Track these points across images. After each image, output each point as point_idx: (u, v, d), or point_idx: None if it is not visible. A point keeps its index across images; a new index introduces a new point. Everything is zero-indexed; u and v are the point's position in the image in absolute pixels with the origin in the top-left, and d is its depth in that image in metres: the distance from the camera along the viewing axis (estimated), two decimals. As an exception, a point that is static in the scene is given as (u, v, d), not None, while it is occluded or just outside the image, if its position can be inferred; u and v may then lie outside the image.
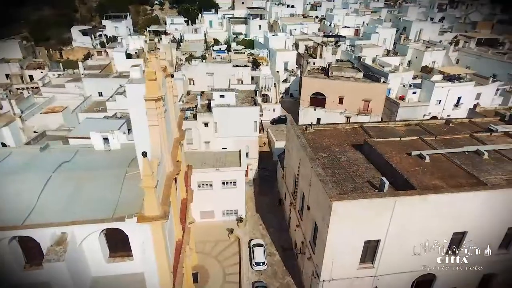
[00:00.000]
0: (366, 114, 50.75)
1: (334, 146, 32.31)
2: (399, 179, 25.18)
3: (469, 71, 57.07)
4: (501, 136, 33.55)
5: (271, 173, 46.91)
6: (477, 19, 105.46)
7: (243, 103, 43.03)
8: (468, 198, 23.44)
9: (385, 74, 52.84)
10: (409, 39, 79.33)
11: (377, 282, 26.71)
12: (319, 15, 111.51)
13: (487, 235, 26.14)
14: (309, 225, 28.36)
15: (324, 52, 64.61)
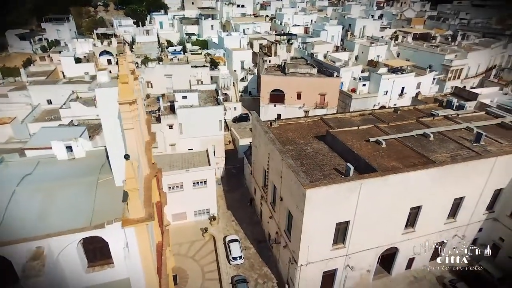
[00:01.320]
0: (323, 107, 53.64)
1: (299, 138, 33.99)
2: (361, 163, 27.45)
3: (409, 63, 62.76)
4: (441, 119, 37.74)
5: (238, 170, 47.81)
6: (411, 16, 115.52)
7: (206, 103, 43.33)
8: (421, 175, 26.35)
9: (337, 69, 56.20)
10: (354, 35, 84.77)
11: (349, 261, 28.93)
12: (269, 14, 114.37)
13: (438, 207, 29.62)
14: (283, 215, 29.74)
15: (278, 50, 66.75)
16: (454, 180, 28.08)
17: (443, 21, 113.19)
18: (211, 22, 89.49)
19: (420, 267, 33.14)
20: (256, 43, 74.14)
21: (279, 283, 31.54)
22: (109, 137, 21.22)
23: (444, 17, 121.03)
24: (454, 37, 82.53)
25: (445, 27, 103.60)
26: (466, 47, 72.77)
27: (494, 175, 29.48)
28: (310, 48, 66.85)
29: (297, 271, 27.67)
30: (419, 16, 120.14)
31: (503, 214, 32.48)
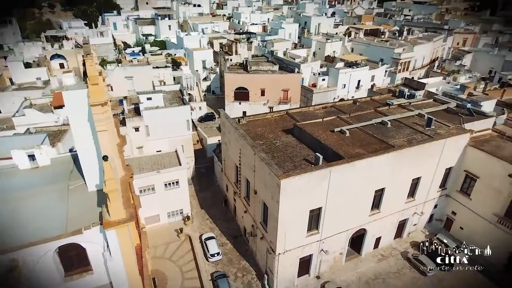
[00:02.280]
0: (286, 103, 55.33)
1: (267, 133, 35.01)
2: (329, 153, 29.08)
3: (363, 58, 66.66)
4: (396, 108, 40.84)
5: (208, 169, 47.96)
6: (361, 13, 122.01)
7: (172, 104, 42.96)
8: (383, 159, 28.55)
9: (297, 65, 58.20)
10: (310, 32, 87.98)
11: (323, 245, 30.54)
12: (226, 14, 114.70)
13: (399, 188, 32.24)
14: (258, 208, 30.61)
15: (239, 49, 67.40)
16: (411, 162, 30.78)
17: (390, 18, 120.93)
18: (168, 22, 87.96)
19: (386, 245, 35.78)
20: (216, 42, 74.28)
21: (258, 275, 32.41)
22: (79, 141, 20.77)
23: (390, 14, 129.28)
24: (401, 32, 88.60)
25: (392, 23, 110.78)
26: (412, 41, 78.65)
27: (444, 155, 32.71)
28: (270, 46, 68.44)
29: (275, 260, 28.71)
30: (368, 13, 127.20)
31: (453, 190, 36.06)
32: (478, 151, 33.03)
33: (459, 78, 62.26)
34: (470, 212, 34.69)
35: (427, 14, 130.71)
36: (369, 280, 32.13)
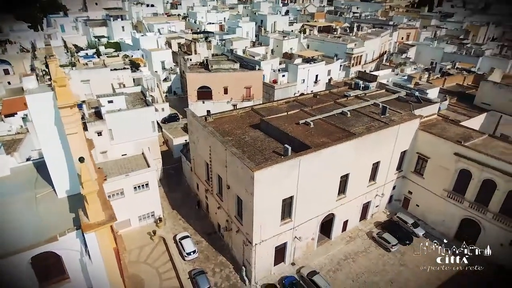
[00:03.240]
0: (249, 100, 56.36)
1: (235, 129, 35.69)
2: (296, 144, 30.44)
3: (319, 53, 69.63)
4: (353, 99, 43.54)
5: (176, 170, 47.61)
6: (313, 11, 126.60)
7: (135, 105, 42.09)
8: (346, 146, 30.57)
9: (257, 62, 59.46)
10: (267, 30, 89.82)
11: (296, 232, 31.99)
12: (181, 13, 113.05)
13: (361, 173, 34.62)
14: (232, 202, 31.28)
15: (198, 48, 67.27)
16: (371, 147, 33.25)
17: (340, 15, 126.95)
18: (121, 23, 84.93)
19: (353, 227, 38.21)
20: (174, 42, 73.32)
21: (236, 268, 33.10)
22: (46, 147, 20.10)
23: (340, 11, 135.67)
24: (351, 29, 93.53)
25: (342, 20, 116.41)
26: (362, 37, 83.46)
27: (399, 139, 35.72)
28: (229, 45, 69.03)
29: (253, 251, 29.61)
30: (319, 11, 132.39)
31: (408, 171, 39.41)
32: (428, 134, 36.47)
33: (406, 70, 67.33)
34: (424, 190, 38.14)
35: (373, 11, 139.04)
36: (340, 261, 34.19)
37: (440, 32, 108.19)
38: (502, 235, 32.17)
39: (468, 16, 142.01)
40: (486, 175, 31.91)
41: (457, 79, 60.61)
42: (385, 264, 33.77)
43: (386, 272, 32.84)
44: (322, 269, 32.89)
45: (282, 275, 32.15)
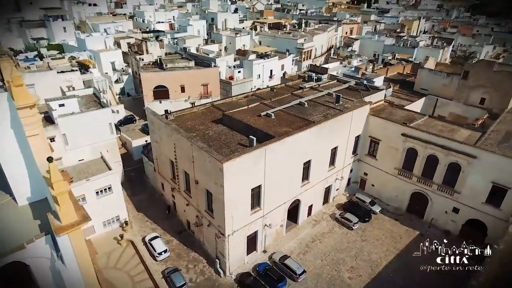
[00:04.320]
0: (207, 97, 56.40)
1: (198, 125, 35.81)
2: (260, 134, 31.51)
3: (272, 49, 71.55)
4: (308, 90, 45.77)
5: (138, 172, 46.38)
6: (262, 8, 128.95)
7: (89, 108, 40.27)
8: (307, 134, 32.33)
9: (212, 59, 59.61)
10: (218, 28, 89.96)
11: (266, 220, 33.16)
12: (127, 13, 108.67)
13: (322, 158, 36.72)
14: (202, 197, 31.53)
15: (149, 48, 65.59)
16: (329, 133, 35.45)
17: (287, 12, 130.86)
18: (63, 24, 79.55)
19: (317, 211, 40.38)
20: (123, 42, 70.56)
21: (209, 262, 33.42)
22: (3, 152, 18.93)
23: (287, 8, 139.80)
24: (300, 25, 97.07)
25: (290, 17, 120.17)
26: (310, 32, 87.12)
27: (353, 125, 38.43)
28: (182, 43, 68.21)
29: (226, 242, 30.21)
30: (267, 8, 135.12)
31: (363, 154, 42.51)
32: (377, 118, 39.68)
33: (352, 62, 71.58)
34: (377, 170, 41.46)
35: (318, 8, 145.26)
36: (308, 243, 36.06)
37: (379, 26, 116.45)
38: (446, 203, 36.22)
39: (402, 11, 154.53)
40: (430, 151, 35.65)
41: (397, 68, 66.12)
42: (349, 242, 36.27)
43: (350, 249, 35.32)
44: (292, 253, 34.46)
45: (255, 263, 33.15)
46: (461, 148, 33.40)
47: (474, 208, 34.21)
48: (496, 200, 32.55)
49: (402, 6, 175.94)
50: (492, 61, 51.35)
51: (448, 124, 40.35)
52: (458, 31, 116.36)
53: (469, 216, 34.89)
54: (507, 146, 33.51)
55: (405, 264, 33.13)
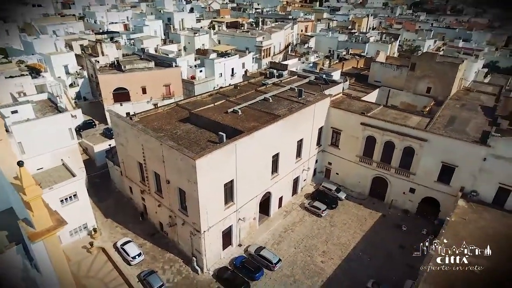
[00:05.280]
0: (170, 97, 55.73)
1: (165, 125, 35.47)
2: (229, 130, 32.03)
3: (232, 47, 72.09)
4: (271, 86, 47.05)
5: (102, 178, 44.80)
6: (218, 8, 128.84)
7: (45, 114, 38.24)
8: (274, 128, 33.48)
9: (173, 59, 58.90)
10: (175, 28, 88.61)
11: (239, 214, 33.86)
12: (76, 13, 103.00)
13: (289, 151, 38.15)
14: (174, 196, 31.46)
15: (104, 49, 63.10)
16: (294, 126, 36.93)
17: (243, 11, 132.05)
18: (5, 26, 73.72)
19: (287, 202, 41.82)
20: (75, 44, 67.04)
21: (185, 261, 33.40)
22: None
23: (243, 7, 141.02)
24: (257, 23, 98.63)
25: (246, 16, 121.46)
26: (268, 30, 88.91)
27: (316, 117, 40.32)
28: (139, 44, 66.46)
29: (202, 239, 30.48)
30: (223, 8, 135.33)
31: (326, 145, 44.69)
32: (338, 110, 41.96)
33: (310, 58, 74.58)
34: (340, 159, 43.83)
35: (273, 7, 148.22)
36: (281, 233, 37.34)
37: (332, 23, 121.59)
38: (403, 185, 39.35)
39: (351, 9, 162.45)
40: (386, 138, 38.49)
41: (352, 63, 69.83)
42: (319, 228, 38.10)
43: (321, 234, 37.14)
44: (267, 244, 35.51)
45: (232, 257, 33.74)
46: (413, 133, 36.51)
47: (427, 187, 37.55)
48: (446, 178, 36.03)
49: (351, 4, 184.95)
50: (434, 53, 56.22)
51: (400, 112, 43.75)
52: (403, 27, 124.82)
53: (424, 195, 38.23)
54: (452, 129, 37.20)
55: (370, 243, 35.68)
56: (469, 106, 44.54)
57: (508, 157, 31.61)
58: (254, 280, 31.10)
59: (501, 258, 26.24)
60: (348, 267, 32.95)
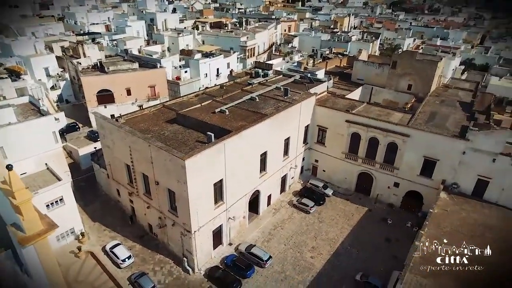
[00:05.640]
0: (155, 99, 55.32)
1: (152, 126, 35.30)
2: (217, 130, 32.21)
3: (216, 47, 72.09)
4: (257, 86, 47.46)
5: (88, 181, 44.09)
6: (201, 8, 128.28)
7: (27, 117, 37.41)
8: (262, 126, 33.89)
9: (157, 60, 58.47)
10: (158, 29, 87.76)
11: (229, 213, 34.11)
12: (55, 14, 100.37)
13: (276, 149, 38.65)
14: (164, 197, 31.40)
15: (86, 51, 61.98)
16: (281, 125, 37.48)
17: (226, 11, 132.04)
18: (-20, 28, 71.38)
19: (276, 200, 42.33)
20: (56, 46, 65.42)
21: (176, 262, 33.39)
22: None
23: (226, 7, 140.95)
24: (241, 23, 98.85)
25: (229, 16, 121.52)
26: (252, 30, 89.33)
27: (302, 115, 41.00)
28: (122, 45, 65.60)
29: (192, 239, 30.54)
30: (206, 8, 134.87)
31: (313, 142, 45.45)
32: (323, 108, 42.78)
33: (294, 57, 75.37)
34: (327, 156, 44.68)
35: (256, 7, 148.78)
36: (270, 231, 37.79)
37: (314, 23, 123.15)
38: (388, 179, 40.50)
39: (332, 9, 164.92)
40: (371, 134, 39.53)
41: (335, 61, 71.02)
42: (307, 224, 38.76)
43: (309, 231, 37.80)
44: (257, 242, 35.88)
45: (222, 256, 33.94)
46: (396, 129, 37.67)
47: (411, 181, 38.81)
48: (428, 171, 37.35)
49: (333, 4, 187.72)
50: (414, 52, 57.98)
51: (383, 109, 44.97)
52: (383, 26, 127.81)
53: (408, 189, 39.49)
54: (433, 124, 38.55)
55: (358, 237, 36.61)
56: (448, 102, 46.20)
57: (485, 150, 33.08)
58: (245, 278, 31.41)
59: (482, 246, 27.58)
60: (337, 261, 33.72)
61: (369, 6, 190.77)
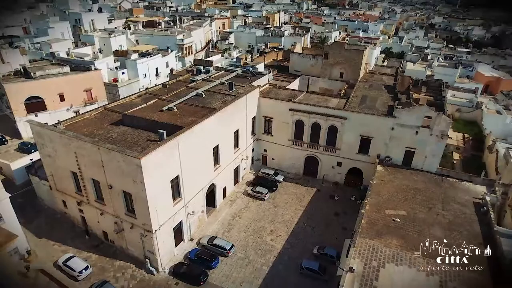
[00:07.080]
0: (93, 103, 52.41)
1: (96, 130, 33.74)
2: (168, 128, 32.20)
3: (153, 47, 70.15)
4: (201, 82, 47.88)
5: (25, 197, 40.47)
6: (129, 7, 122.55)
7: None
8: (211, 120, 34.66)
9: (90, 63, 55.22)
10: (86, 29, 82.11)
11: (188, 209, 34.41)
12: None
13: (227, 142, 39.76)
14: (119, 200, 30.56)
15: (4, 56, 55.92)
16: (230, 118, 38.65)
17: (157, 10, 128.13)
18: None
19: (231, 192, 43.49)
20: (-36, 52, 57.79)
21: (137, 265, 32.77)
22: None
23: (156, 6, 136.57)
24: (175, 22, 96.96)
25: (161, 14, 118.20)
26: (187, 28, 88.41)
27: (248, 107, 42.64)
28: (48, 48, 60.42)
29: (154, 238, 30.32)
30: (135, 7, 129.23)
31: (260, 133, 47.42)
32: (267, 99, 44.92)
33: (232, 53, 76.81)
34: (275, 145, 47.03)
35: (187, 4, 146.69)
36: (229, 221, 38.92)
37: (247, 20, 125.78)
38: (331, 160, 44.21)
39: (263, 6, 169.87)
40: (313, 120, 42.69)
41: (272, 56, 74.03)
42: (264, 211, 40.66)
43: (266, 216, 39.74)
44: (218, 233, 36.76)
45: (185, 252, 34.18)
46: (335, 113, 41.30)
47: (351, 159, 42.93)
48: (365, 149, 41.70)
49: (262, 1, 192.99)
50: (343, 42, 63.20)
51: (321, 96, 48.65)
52: (311, 21, 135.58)
53: (349, 166, 43.59)
54: (365, 106, 42.98)
55: (311, 215, 39.59)
56: (375, 86, 51.63)
57: (409, 125, 38.12)
58: (211, 269, 32.15)
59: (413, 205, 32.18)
60: (295, 239, 36.16)
61: (296, 2, 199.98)
